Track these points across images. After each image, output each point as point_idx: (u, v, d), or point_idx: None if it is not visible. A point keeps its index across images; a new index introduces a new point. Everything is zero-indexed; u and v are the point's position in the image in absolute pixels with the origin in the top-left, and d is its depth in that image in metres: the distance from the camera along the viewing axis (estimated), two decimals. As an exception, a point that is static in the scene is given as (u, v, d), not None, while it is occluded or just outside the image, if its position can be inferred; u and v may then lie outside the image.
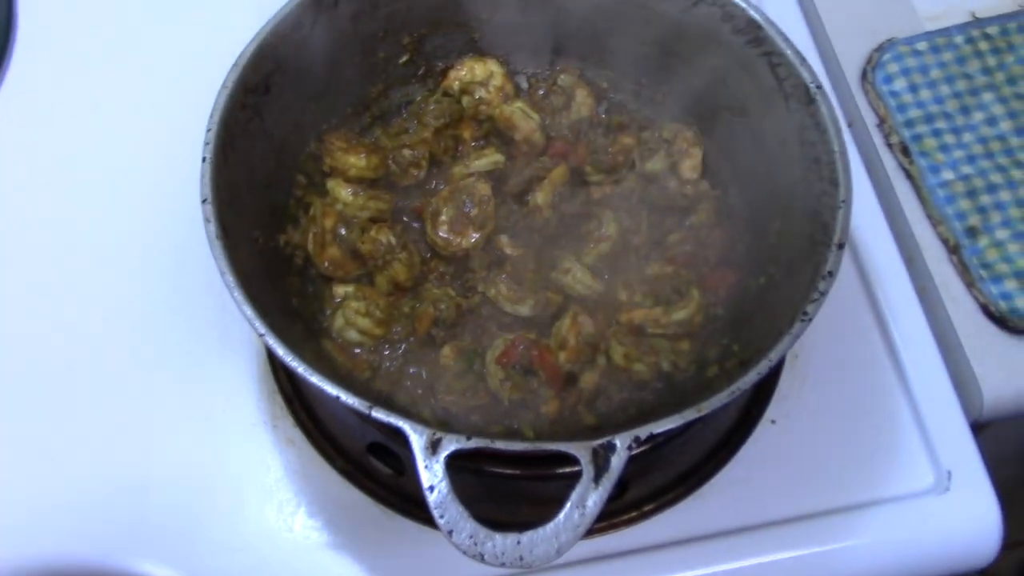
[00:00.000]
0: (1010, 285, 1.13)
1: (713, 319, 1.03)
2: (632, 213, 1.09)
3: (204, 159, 0.93)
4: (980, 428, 1.11)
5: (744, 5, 1.03)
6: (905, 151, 1.22)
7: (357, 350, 1.01)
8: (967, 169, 1.19)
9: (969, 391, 1.10)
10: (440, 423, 0.97)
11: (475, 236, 1.06)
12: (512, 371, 0.97)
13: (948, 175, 1.19)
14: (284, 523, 1.03)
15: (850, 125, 1.27)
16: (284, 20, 1.01)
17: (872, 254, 1.18)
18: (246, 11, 1.06)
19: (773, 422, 1.09)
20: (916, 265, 1.16)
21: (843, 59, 1.29)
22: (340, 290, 1.04)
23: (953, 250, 1.17)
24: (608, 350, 1.01)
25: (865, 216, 1.19)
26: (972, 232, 1.17)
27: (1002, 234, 1.17)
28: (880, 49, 1.28)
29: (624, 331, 1.01)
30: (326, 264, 1.04)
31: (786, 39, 1.01)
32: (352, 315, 1.01)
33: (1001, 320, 1.13)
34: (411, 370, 1.01)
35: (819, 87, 0.98)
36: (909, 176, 1.21)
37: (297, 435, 1.08)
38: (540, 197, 1.07)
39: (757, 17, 1.02)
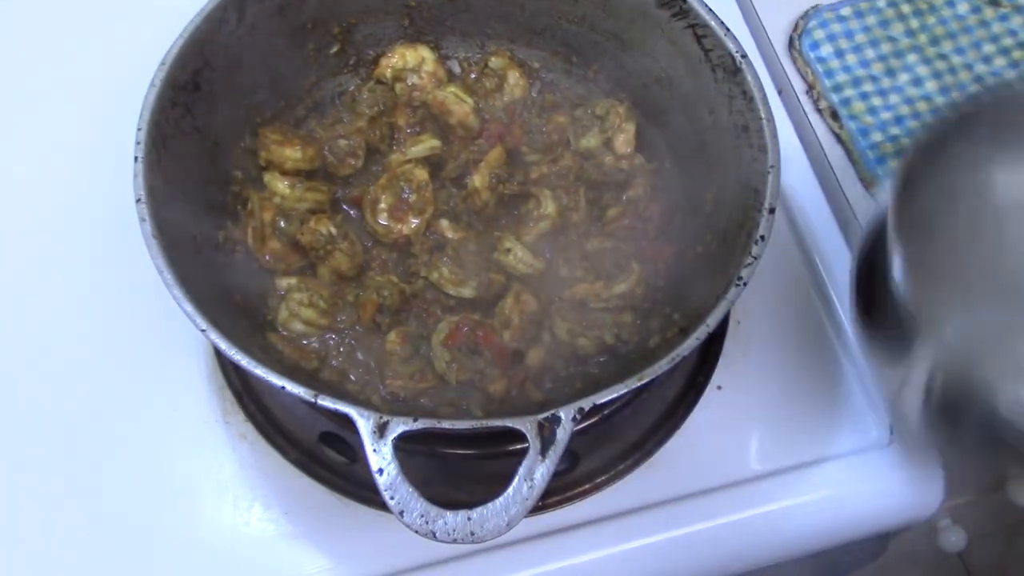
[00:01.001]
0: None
1: (654, 290, 1.05)
2: (570, 191, 1.10)
3: (136, 158, 0.93)
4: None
5: (667, -21, 1.04)
6: (835, 115, 1.24)
7: (303, 341, 1.02)
8: (895, 130, 1.22)
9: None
10: (390, 408, 0.98)
11: (415, 222, 1.06)
12: (458, 352, 0.98)
13: (877, 137, 1.22)
14: (240, 518, 1.03)
15: (780, 92, 1.28)
16: (209, 16, 1.01)
17: (808, 219, 1.20)
18: (174, 7, 1.05)
19: (719, 388, 1.11)
20: (851, 227, 1.18)
21: (770, 28, 1.30)
22: (283, 282, 1.05)
23: None
24: (552, 327, 1.02)
25: (799, 182, 1.22)
26: None
27: (934, 189, 1.19)
28: (806, 16, 1.30)
29: (567, 307, 1.03)
30: (267, 257, 1.04)
31: (710, 10, 1.02)
32: (296, 307, 1.01)
33: None
34: (359, 357, 1.02)
35: (744, 56, 1.00)
36: (840, 140, 1.23)
37: (249, 430, 1.08)
38: (478, 180, 1.08)
39: (681, -10, 1.03)
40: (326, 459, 1.06)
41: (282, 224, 1.04)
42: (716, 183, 1.04)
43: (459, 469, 1.04)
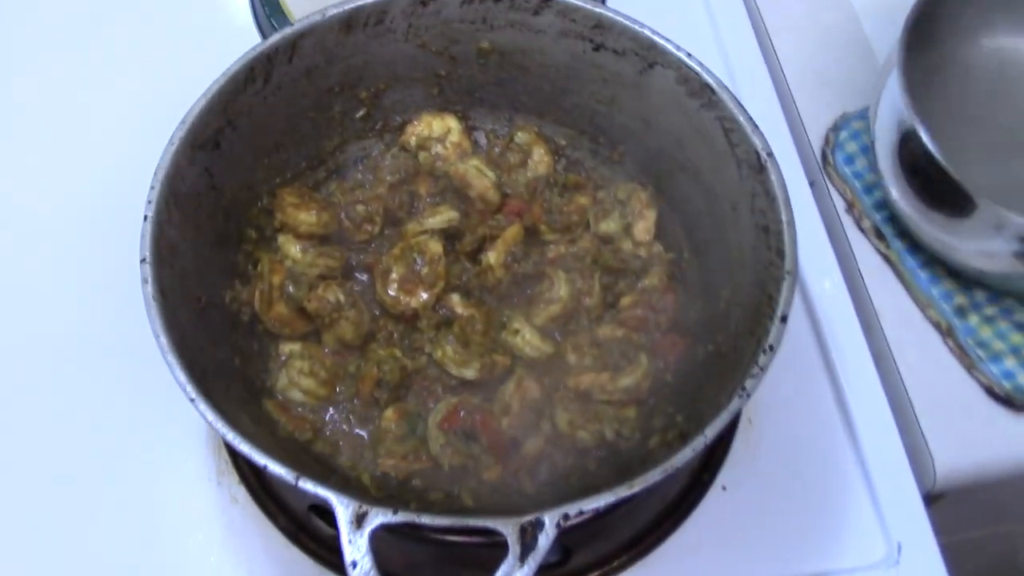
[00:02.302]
0: (1010, 363, 1.11)
1: (660, 385, 1.02)
2: (585, 274, 1.08)
3: (146, 217, 0.93)
4: (933, 498, 1.09)
5: (699, 69, 1.02)
6: (880, 235, 1.19)
7: (300, 410, 1.01)
8: (944, 244, 1.16)
9: (923, 462, 1.09)
10: (379, 488, 0.96)
11: (424, 296, 1.05)
12: (453, 436, 0.96)
13: (927, 254, 1.16)
14: (224, 584, 1.02)
15: (812, 184, 1.25)
16: (235, 76, 1.00)
17: (834, 327, 1.16)
18: (201, 61, 1.05)
19: (724, 488, 1.08)
20: (873, 334, 1.14)
21: (810, 128, 1.27)
22: (286, 348, 1.04)
23: (947, 333, 1.14)
24: (553, 416, 1.00)
25: (826, 283, 1.18)
26: (962, 311, 1.14)
27: (990, 310, 1.14)
28: (835, 128, 1.25)
29: (570, 396, 1.00)
30: (273, 322, 1.03)
31: (739, 104, 1.00)
32: (296, 375, 1.00)
33: (1007, 400, 1.11)
34: (354, 432, 1.01)
35: (770, 154, 0.97)
36: (888, 261, 1.18)
37: (241, 492, 1.07)
38: (493, 256, 1.07)
39: (711, 81, 1.01)
40: (315, 530, 1.04)
41: (291, 289, 1.03)
42: (732, 281, 1.01)
43: (447, 552, 1.02)
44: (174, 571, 1.03)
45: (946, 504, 1.11)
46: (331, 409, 1.02)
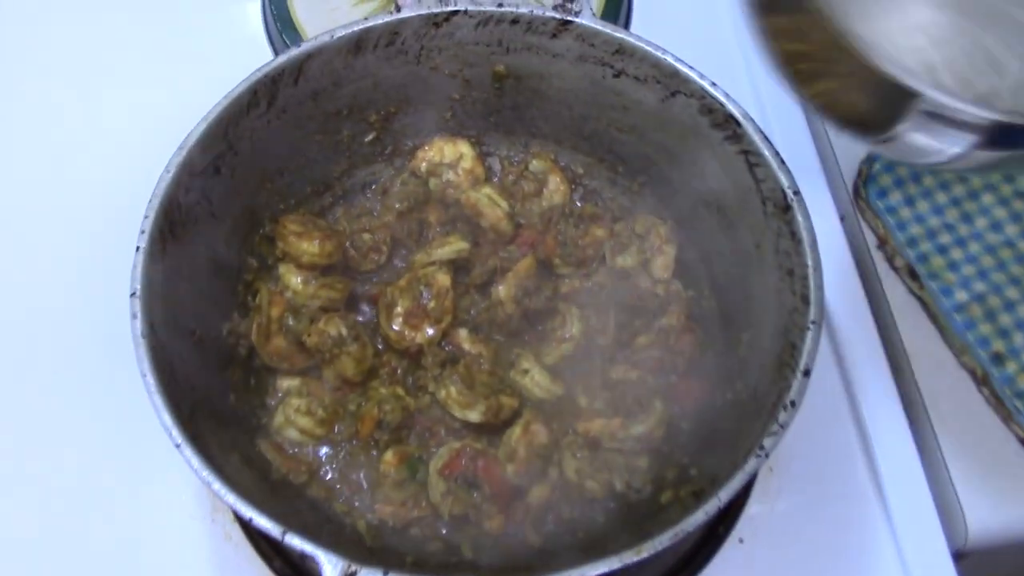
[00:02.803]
0: (1049, 415, 1.04)
1: (675, 433, 0.97)
2: (599, 311, 1.03)
3: (138, 248, 0.89)
4: (962, 556, 1.03)
5: (723, 99, 0.97)
6: (913, 274, 1.12)
7: (295, 450, 0.96)
8: (980, 286, 1.09)
9: (954, 518, 1.03)
10: (375, 536, 0.92)
11: (430, 331, 1.00)
12: (455, 484, 0.92)
13: (962, 296, 1.09)
14: (213, 627, 0.98)
15: (842, 218, 1.18)
16: (238, 99, 0.96)
17: (863, 374, 1.10)
18: (211, 76, 1.01)
19: (741, 541, 1.02)
20: (904, 379, 1.08)
21: (841, 158, 1.20)
22: (284, 383, 1.00)
23: (982, 381, 1.07)
24: (560, 462, 0.95)
25: (855, 326, 1.12)
26: (999, 359, 1.07)
27: (1030, 357, 1.08)
28: (869, 160, 1.18)
29: (579, 443, 0.95)
30: (271, 356, 0.99)
31: (765, 138, 0.94)
32: (293, 413, 0.96)
33: None
34: (351, 475, 0.96)
35: (796, 193, 0.92)
36: (922, 302, 1.12)
37: (235, 531, 1.02)
38: (503, 291, 1.02)
39: (736, 112, 0.96)
40: (309, 573, 1.00)
41: (290, 322, 0.99)
42: (754, 325, 0.96)
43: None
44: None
45: (975, 562, 1.05)
46: (328, 450, 0.97)
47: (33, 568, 1.01)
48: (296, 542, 0.77)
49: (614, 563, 0.76)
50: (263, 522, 0.78)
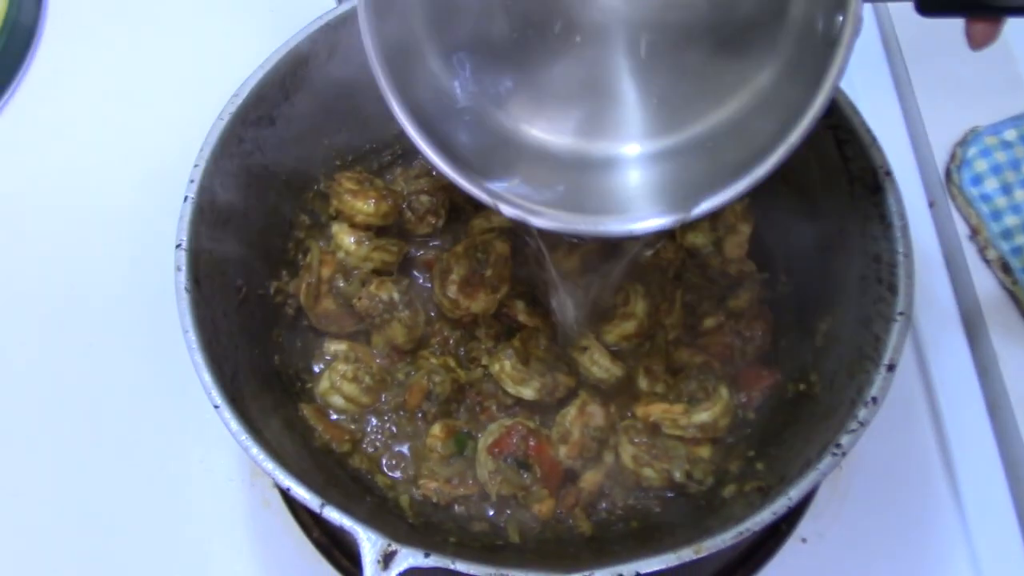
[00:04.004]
0: None
1: (741, 424, 0.91)
2: (666, 290, 0.97)
3: (186, 198, 0.85)
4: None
5: (813, 69, 0.89)
6: (1006, 268, 1.04)
7: (339, 417, 0.92)
8: (1078, 284, 1.02)
9: (1036, 531, 0.96)
10: (417, 513, 0.88)
11: (486, 300, 0.95)
12: (504, 463, 0.87)
13: None
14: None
15: (931, 205, 1.11)
16: (296, 49, 0.92)
17: (942, 364, 1.03)
18: (266, 29, 0.97)
19: (804, 541, 0.96)
20: (990, 380, 1.01)
21: (934, 140, 1.12)
22: (332, 347, 0.96)
23: None
24: (617, 447, 0.90)
25: (940, 320, 1.05)
26: None
27: None
28: (964, 143, 1.10)
29: (637, 428, 0.90)
30: (319, 318, 0.95)
31: (856, 112, 0.87)
32: (339, 379, 0.92)
33: None
34: (395, 448, 0.92)
35: (888, 174, 0.84)
36: (1014, 298, 1.04)
37: (274, 497, 0.99)
38: (571, 262, 0.96)
39: (827, 84, 0.89)
40: (350, 547, 0.96)
41: (341, 283, 0.95)
42: (833, 314, 0.89)
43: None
44: (198, 572, 0.96)
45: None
46: (373, 420, 0.93)
47: (68, 523, 0.99)
48: (335, 516, 0.73)
49: (671, 560, 0.71)
50: (301, 492, 0.74)
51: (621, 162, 0.81)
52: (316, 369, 0.96)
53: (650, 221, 0.74)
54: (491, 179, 0.76)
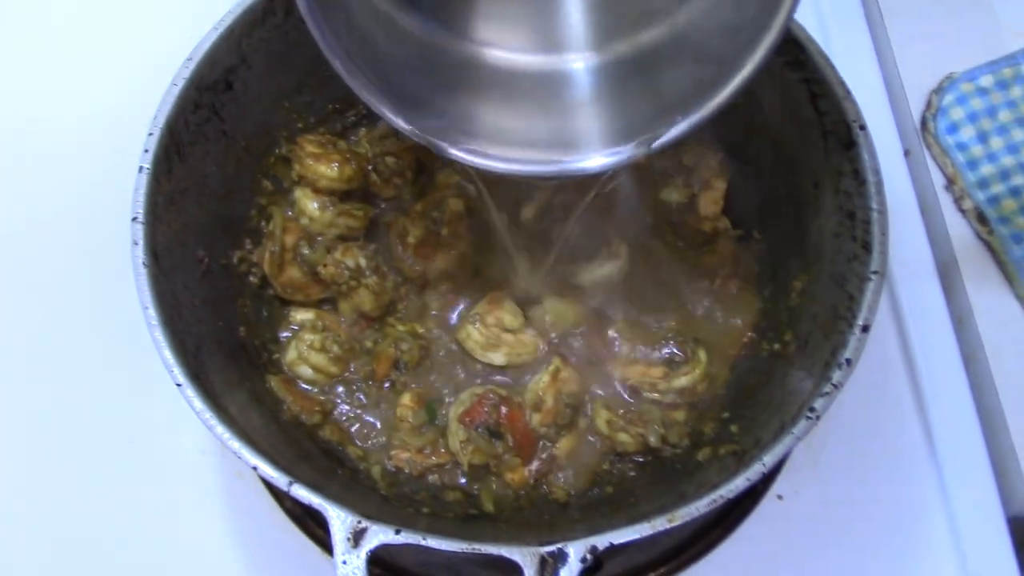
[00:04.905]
0: None
1: (715, 384, 0.90)
2: (638, 247, 0.95)
3: (141, 168, 0.82)
4: (1019, 525, 0.96)
5: (786, 20, 0.87)
6: (982, 218, 1.03)
7: (308, 388, 0.91)
8: (1056, 234, 1.01)
9: (1011, 484, 0.95)
10: (390, 483, 0.87)
11: (444, 259, 0.93)
12: (476, 432, 0.86)
13: None
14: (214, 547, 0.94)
15: (906, 153, 1.09)
16: (251, 8, 0.88)
17: (918, 316, 1.02)
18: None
19: (780, 497, 0.96)
20: (966, 332, 1.00)
21: (909, 87, 1.10)
22: (298, 316, 0.94)
23: None
24: (592, 412, 0.89)
25: (915, 271, 1.03)
26: None
27: (1109, 317, 0.98)
28: (940, 91, 1.07)
29: (612, 392, 0.89)
30: (284, 287, 0.93)
31: (831, 65, 0.85)
32: (306, 349, 0.90)
33: None
34: (367, 418, 0.91)
35: (863, 128, 0.82)
36: (990, 249, 1.03)
37: (246, 468, 0.96)
38: (529, 211, 0.94)
39: (799, 35, 0.86)
40: (321, 516, 0.94)
41: (305, 251, 0.92)
42: (807, 272, 0.88)
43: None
44: (171, 545, 0.95)
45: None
46: (343, 390, 0.91)
47: (34, 505, 0.97)
48: (303, 494, 0.72)
49: (645, 529, 0.71)
50: (269, 470, 0.73)
51: (573, 82, 0.78)
52: (283, 337, 0.94)
53: (607, 155, 0.71)
54: (435, 114, 0.72)
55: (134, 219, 0.80)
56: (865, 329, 0.76)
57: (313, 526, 0.95)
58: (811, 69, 0.85)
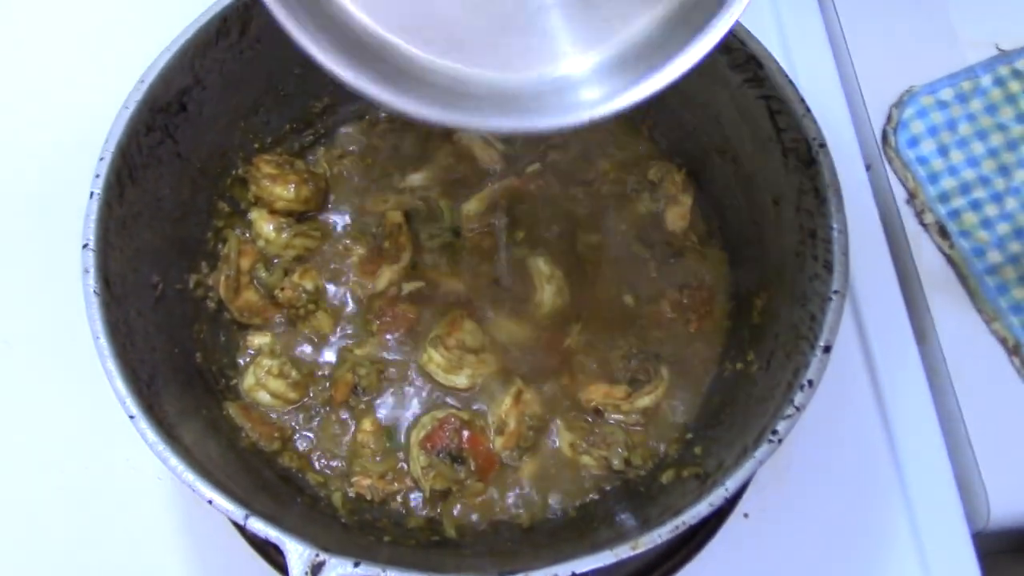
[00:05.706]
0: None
1: (678, 404, 0.89)
2: (606, 262, 0.95)
3: (92, 194, 0.80)
4: (983, 538, 0.96)
5: (744, 37, 0.86)
6: (943, 232, 1.03)
7: (266, 415, 0.89)
8: (1016, 247, 1.00)
9: (975, 497, 0.96)
10: (351, 511, 0.85)
11: (390, 272, 0.92)
12: (436, 458, 0.84)
13: (995, 257, 1.01)
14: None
15: (868, 168, 1.09)
16: (205, 28, 0.86)
17: (880, 331, 1.01)
18: (171, 7, 0.91)
19: (746, 516, 0.95)
20: (928, 346, 1.00)
21: (870, 101, 1.10)
22: (256, 341, 0.92)
23: (1013, 351, 0.99)
24: (556, 435, 0.88)
25: (877, 286, 1.03)
26: None
27: (1069, 331, 0.99)
28: (900, 104, 1.08)
29: (574, 414, 0.88)
30: (241, 311, 0.91)
31: (790, 83, 0.84)
32: (263, 375, 0.88)
33: None
34: (327, 444, 0.89)
35: (822, 146, 0.82)
36: (952, 263, 1.03)
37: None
38: (473, 205, 0.95)
39: (758, 52, 0.86)
40: (283, 543, 0.93)
41: (262, 274, 0.91)
42: (769, 290, 0.87)
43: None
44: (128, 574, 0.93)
45: (993, 539, 0.98)
46: (302, 416, 0.90)
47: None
48: (260, 527, 0.70)
49: (608, 558, 0.69)
50: (225, 504, 0.71)
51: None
52: (241, 363, 0.92)
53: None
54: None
55: (84, 246, 0.78)
56: (827, 350, 0.76)
57: (275, 553, 0.93)
58: (770, 86, 0.85)
